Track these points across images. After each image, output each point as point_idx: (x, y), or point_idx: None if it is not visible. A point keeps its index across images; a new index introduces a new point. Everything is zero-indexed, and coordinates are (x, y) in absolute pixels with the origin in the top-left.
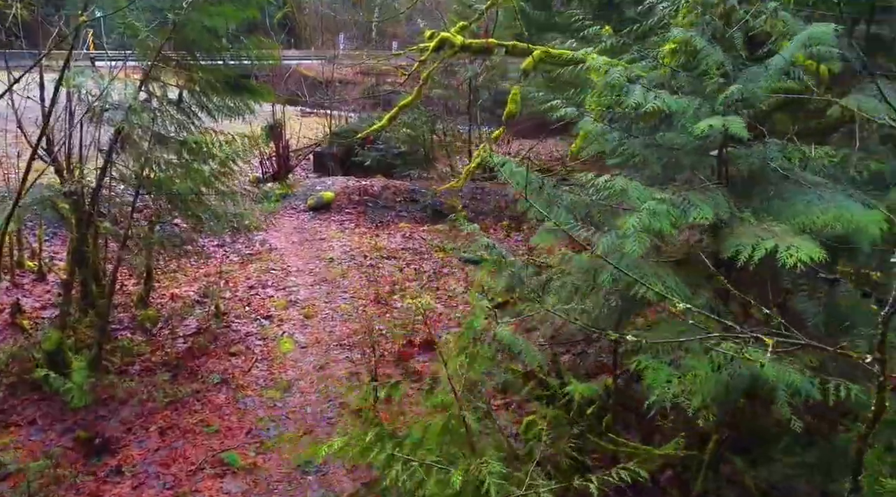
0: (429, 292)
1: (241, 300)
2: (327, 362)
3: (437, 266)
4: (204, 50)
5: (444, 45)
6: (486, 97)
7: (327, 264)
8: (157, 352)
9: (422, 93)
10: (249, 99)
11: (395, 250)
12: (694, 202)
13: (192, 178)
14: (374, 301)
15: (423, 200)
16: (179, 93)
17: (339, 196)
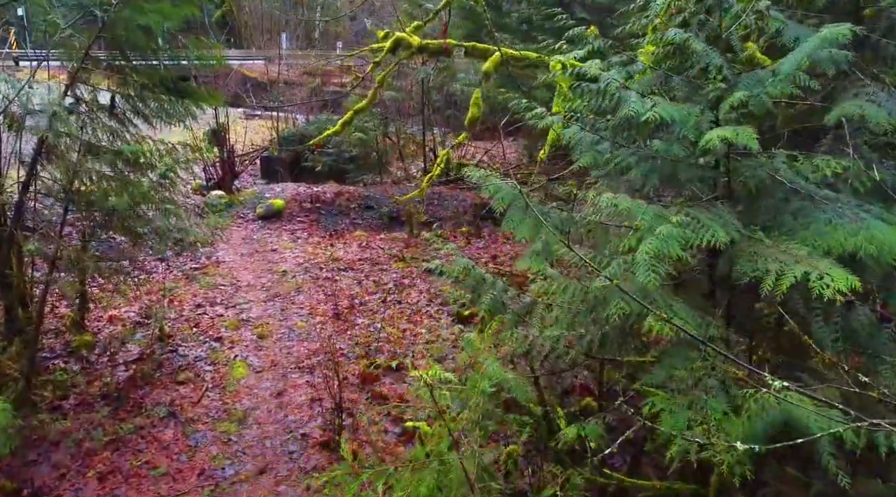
0: (390, 307)
1: (187, 320)
2: (285, 388)
3: (398, 277)
4: (138, 50)
5: (399, 46)
6: (438, 99)
7: (280, 278)
8: (95, 382)
9: (377, 96)
10: (191, 103)
11: (352, 261)
12: (704, 222)
13: (129, 193)
14: (332, 317)
15: (378, 207)
16: (112, 97)
17: (289, 204)
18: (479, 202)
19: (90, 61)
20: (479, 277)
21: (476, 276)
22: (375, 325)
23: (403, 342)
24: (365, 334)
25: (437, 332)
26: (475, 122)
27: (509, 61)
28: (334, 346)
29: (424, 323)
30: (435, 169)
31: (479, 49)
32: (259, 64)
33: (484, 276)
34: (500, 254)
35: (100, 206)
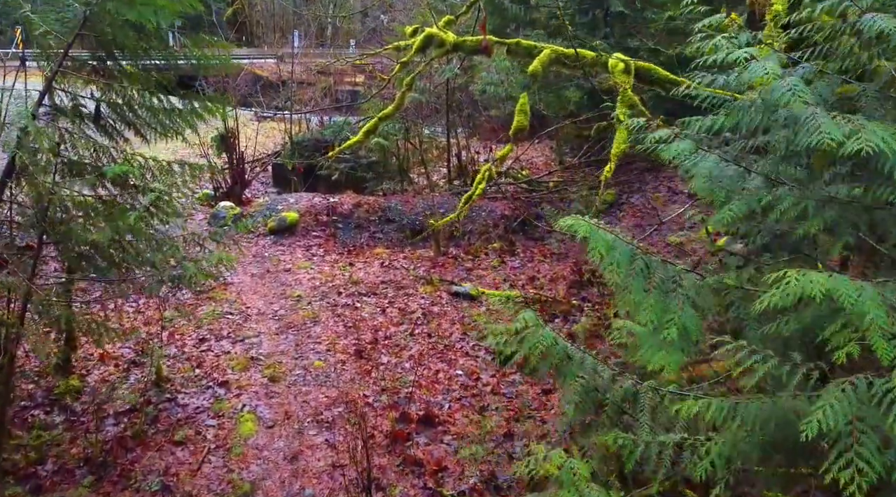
0: (419, 342)
1: (189, 359)
2: (301, 449)
3: (426, 304)
4: (128, 50)
5: (430, 44)
6: (463, 100)
7: (294, 304)
8: (79, 440)
9: (404, 100)
10: (191, 114)
11: (373, 284)
12: None
13: (113, 224)
14: (354, 355)
15: (399, 219)
16: (96, 106)
17: (303, 216)
18: (509, 213)
19: (71, 63)
20: (561, 355)
21: (558, 353)
22: (403, 365)
23: (437, 387)
24: (392, 377)
25: (476, 375)
26: (522, 132)
27: (560, 60)
28: (357, 396)
29: (460, 362)
30: (476, 186)
31: (524, 47)
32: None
33: (569, 352)
34: (539, 275)
35: (78, 239)
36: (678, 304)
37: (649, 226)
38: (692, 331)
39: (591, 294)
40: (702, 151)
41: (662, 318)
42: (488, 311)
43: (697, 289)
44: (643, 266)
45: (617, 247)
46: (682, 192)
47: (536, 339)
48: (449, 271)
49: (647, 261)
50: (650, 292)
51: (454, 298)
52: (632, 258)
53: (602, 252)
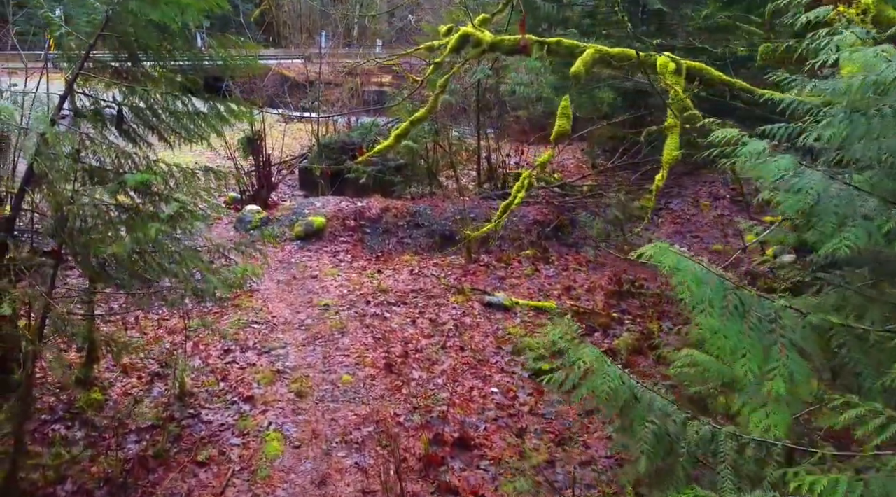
0: (452, 355)
1: (213, 371)
2: (329, 472)
3: (458, 314)
4: (151, 51)
5: (466, 43)
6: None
7: (321, 314)
8: (100, 458)
9: (438, 103)
10: (217, 119)
11: (403, 293)
12: None
13: (133, 236)
14: (383, 369)
15: (428, 224)
16: (118, 110)
17: (331, 221)
18: (542, 219)
19: (92, 65)
20: (628, 396)
21: (624, 393)
22: (436, 381)
23: (472, 406)
24: (424, 393)
25: (513, 393)
26: (564, 137)
27: (605, 60)
28: (388, 415)
29: (495, 379)
30: (516, 194)
31: (565, 46)
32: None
33: (636, 393)
34: (575, 285)
35: (97, 251)
36: (780, 350)
37: (689, 233)
38: (800, 382)
39: (631, 306)
40: (803, 167)
41: (764, 367)
42: (523, 324)
43: (799, 329)
44: (737, 303)
45: (706, 280)
46: (724, 197)
47: (601, 381)
48: (481, 280)
49: (740, 296)
50: (747, 335)
51: (487, 309)
52: (724, 294)
53: (693, 288)
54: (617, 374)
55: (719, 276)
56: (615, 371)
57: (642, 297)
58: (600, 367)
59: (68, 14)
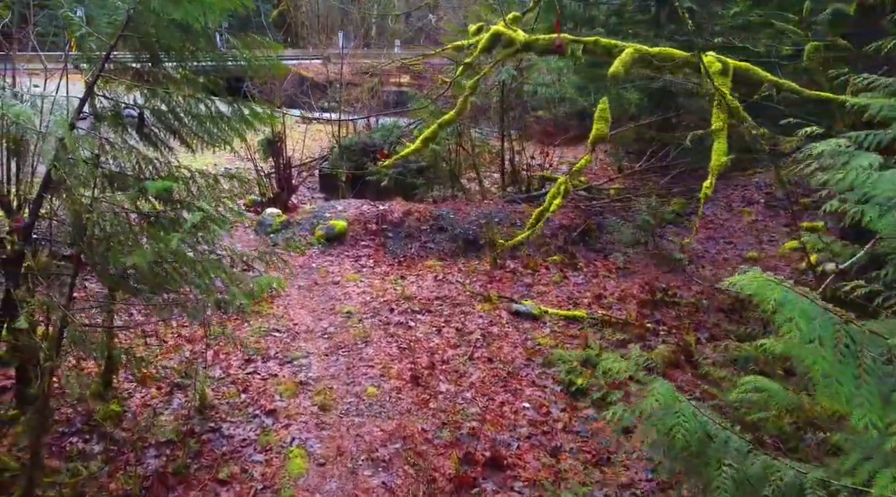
0: (480, 367)
1: (234, 382)
2: (355, 493)
3: (485, 323)
4: (173, 52)
5: (497, 43)
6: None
7: (344, 321)
8: (117, 474)
9: (467, 105)
10: (240, 122)
11: (427, 300)
12: None
13: (153, 247)
14: (410, 381)
15: (451, 228)
16: (139, 114)
17: (352, 225)
18: (568, 223)
19: (113, 67)
20: (698, 434)
21: (696, 431)
22: (464, 395)
23: (503, 422)
24: (452, 408)
25: (545, 409)
26: (602, 141)
27: (645, 60)
28: (415, 430)
29: (526, 393)
30: (551, 201)
31: (603, 45)
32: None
33: (709, 431)
34: (605, 292)
35: (115, 262)
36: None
37: (722, 238)
38: None
39: (666, 316)
40: None
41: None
42: (553, 334)
43: None
44: (848, 341)
45: (814, 315)
46: (758, 202)
47: (675, 421)
48: (507, 287)
49: (849, 332)
50: (863, 380)
51: (515, 318)
52: (833, 331)
53: (802, 326)
54: (690, 410)
55: (825, 308)
56: (689, 408)
57: (677, 307)
58: (672, 403)
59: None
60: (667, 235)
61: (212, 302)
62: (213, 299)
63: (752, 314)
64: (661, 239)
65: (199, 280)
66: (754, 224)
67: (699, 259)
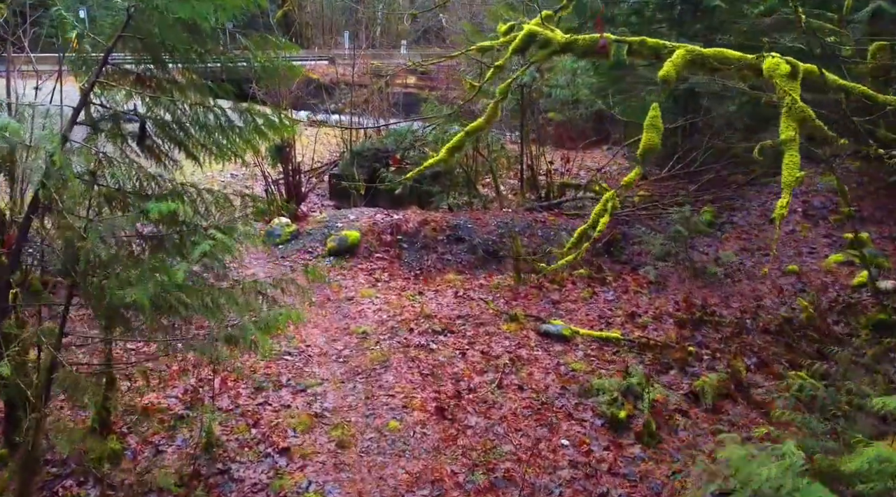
0: (510, 396)
1: (244, 414)
2: None
3: (512, 345)
4: (179, 55)
5: (531, 43)
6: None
7: (360, 343)
8: None
9: (498, 112)
10: (253, 133)
11: (448, 319)
12: None
13: (155, 281)
14: (435, 413)
15: (470, 239)
16: (141, 124)
17: (365, 235)
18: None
19: (112, 71)
20: None
21: None
22: (495, 429)
23: (540, 463)
24: (483, 445)
25: (586, 446)
26: (652, 153)
27: (698, 62)
28: (444, 472)
29: (564, 428)
30: (597, 217)
31: (650, 47)
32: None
33: None
34: (638, 310)
35: (113, 298)
36: None
37: (757, 250)
38: None
39: (708, 337)
40: None
41: None
42: (587, 358)
43: None
44: None
45: None
46: (796, 211)
47: None
48: (533, 304)
49: None
50: None
51: (544, 339)
52: None
53: None
54: None
55: None
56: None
57: (718, 327)
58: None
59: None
60: (698, 246)
61: (222, 337)
62: (223, 334)
63: (804, 337)
64: (691, 250)
65: (206, 312)
66: (792, 234)
67: (734, 272)
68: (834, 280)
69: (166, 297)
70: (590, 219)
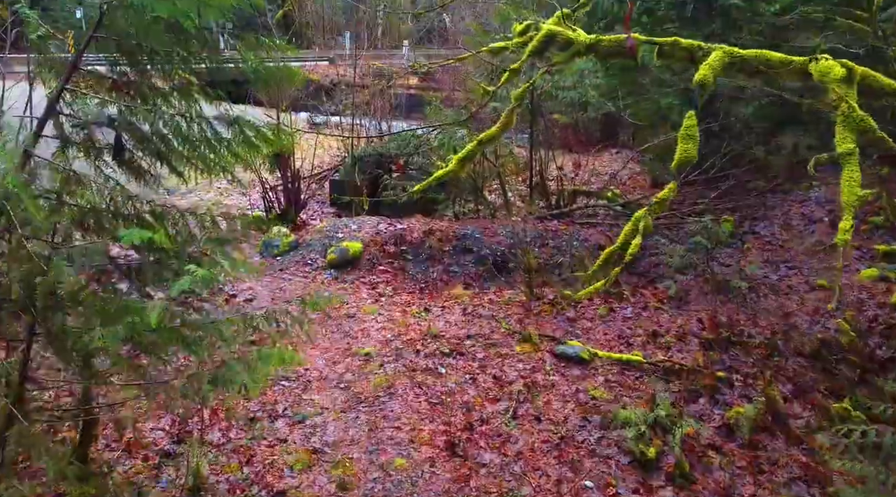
0: (526, 428)
1: (235, 451)
2: None
3: (526, 369)
4: (159, 58)
5: (550, 44)
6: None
7: (362, 366)
8: None
9: (513, 119)
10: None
11: (457, 339)
12: None
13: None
14: (444, 448)
15: (477, 249)
16: (117, 136)
17: (367, 246)
18: (604, 242)
19: (82, 77)
20: None
21: None
22: (512, 468)
23: None
24: (499, 487)
25: (612, 489)
26: (687, 165)
27: (737, 64)
28: None
29: (586, 466)
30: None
31: (683, 47)
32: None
33: None
34: (660, 329)
35: (76, 344)
36: None
37: (783, 263)
38: None
39: (737, 360)
40: None
41: None
42: (608, 384)
43: None
44: None
45: None
46: (821, 220)
47: None
48: (547, 322)
49: None
50: None
51: (560, 362)
52: None
53: None
54: None
55: None
56: None
57: (747, 347)
58: None
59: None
60: (718, 258)
61: (206, 379)
62: (206, 377)
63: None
64: (712, 262)
65: (189, 351)
66: (819, 245)
67: (759, 286)
68: (871, 296)
69: (139, 339)
70: (618, 239)
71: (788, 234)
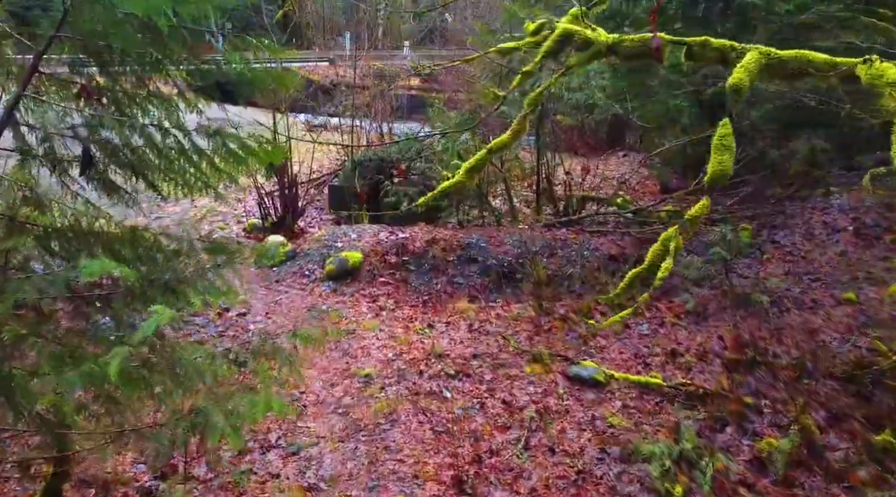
0: (539, 461)
1: (223, 488)
2: None
3: (538, 393)
4: (131, 59)
5: (566, 44)
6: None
7: (362, 389)
8: None
9: (526, 125)
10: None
11: (463, 359)
12: None
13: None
14: (451, 485)
15: (483, 259)
16: (85, 148)
17: (368, 256)
18: (616, 253)
19: (44, 82)
20: None
21: None
22: None
23: None
24: None
25: None
26: (723, 179)
27: (775, 66)
28: None
29: None
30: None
31: (715, 48)
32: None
33: None
34: (679, 347)
35: (23, 397)
36: None
37: (806, 275)
38: None
39: (765, 383)
40: None
41: None
42: (625, 410)
43: None
44: None
45: None
46: (845, 229)
47: None
48: (558, 340)
49: None
50: None
51: (574, 385)
52: None
53: None
54: None
55: None
56: None
57: (773, 368)
58: None
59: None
60: (737, 269)
61: (182, 427)
62: (182, 423)
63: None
64: (731, 274)
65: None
66: (843, 256)
67: (781, 300)
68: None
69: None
70: (646, 258)
71: (810, 244)
